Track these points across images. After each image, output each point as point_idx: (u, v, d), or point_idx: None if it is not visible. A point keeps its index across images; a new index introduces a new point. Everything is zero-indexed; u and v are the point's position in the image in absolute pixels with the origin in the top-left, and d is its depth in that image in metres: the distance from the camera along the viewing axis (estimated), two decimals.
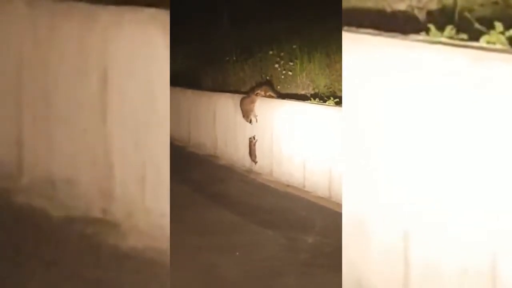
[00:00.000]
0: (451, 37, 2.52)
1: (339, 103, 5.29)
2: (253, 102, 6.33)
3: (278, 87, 6.69)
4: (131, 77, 3.20)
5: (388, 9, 2.89)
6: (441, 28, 2.58)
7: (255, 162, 6.32)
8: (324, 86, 6.08)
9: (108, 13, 3.25)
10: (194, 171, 6.63)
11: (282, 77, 6.68)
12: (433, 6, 2.76)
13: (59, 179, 3.50)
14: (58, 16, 3.44)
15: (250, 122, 6.35)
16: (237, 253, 3.81)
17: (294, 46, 6.73)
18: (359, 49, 2.82)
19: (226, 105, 7.11)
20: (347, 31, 2.86)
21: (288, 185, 5.66)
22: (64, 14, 3.41)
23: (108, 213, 3.32)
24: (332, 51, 6.11)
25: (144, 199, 3.19)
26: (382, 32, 2.71)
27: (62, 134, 3.49)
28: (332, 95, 5.66)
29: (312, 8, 7.28)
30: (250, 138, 6.32)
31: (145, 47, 3.13)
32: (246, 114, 6.34)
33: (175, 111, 8.34)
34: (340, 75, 5.29)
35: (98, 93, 3.29)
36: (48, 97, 3.52)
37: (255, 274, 3.51)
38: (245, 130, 6.46)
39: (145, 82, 3.15)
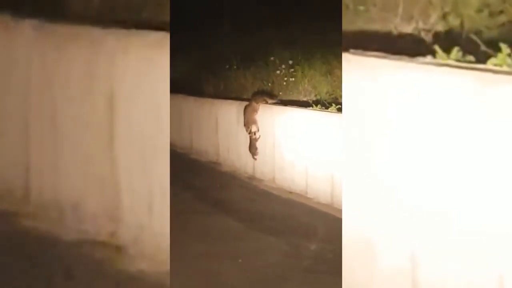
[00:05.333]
0: (458, 60, 2.51)
1: (341, 109, 5.29)
2: (255, 110, 6.33)
3: (280, 93, 6.69)
4: (137, 100, 3.22)
5: (395, 32, 2.89)
6: (448, 51, 2.57)
7: (255, 158, 6.31)
8: (326, 93, 6.09)
9: (114, 37, 3.27)
10: (196, 178, 6.63)
11: (284, 83, 6.68)
12: (440, 28, 2.75)
13: (66, 202, 3.51)
14: (65, 40, 3.45)
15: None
16: (240, 260, 3.81)
17: (295, 53, 6.74)
18: (364, 71, 2.80)
19: (228, 112, 7.12)
20: (354, 53, 2.86)
21: (290, 192, 5.66)
22: (71, 38, 3.42)
23: (116, 237, 3.32)
24: (333, 57, 6.12)
25: (151, 222, 3.20)
26: (389, 55, 2.70)
27: (69, 158, 3.50)
28: (334, 102, 5.66)
29: (312, 15, 7.31)
30: (250, 135, 6.32)
31: (150, 71, 3.16)
32: (247, 124, 6.34)
33: (177, 119, 8.36)
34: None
35: (105, 117, 3.31)
36: (55, 121, 3.53)
37: (258, 281, 3.50)
38: (247, 136, 6.45)
39: (150, 105, 3.17)
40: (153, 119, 3.16)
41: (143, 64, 3.18)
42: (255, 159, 6.34)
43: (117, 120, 3.28)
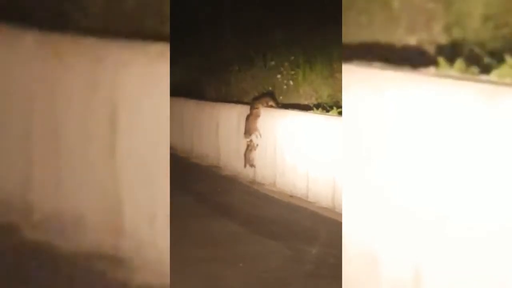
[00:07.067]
0: (461, 71, 2.50)
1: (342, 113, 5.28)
2: (257, 116, 6.32)
3: (281, 97, 6.69)
4: (139, 111, 3.22)
5: (398, 43, 2.87)
6: (451, 62, 2.56)
7: (246, 166, 6.40)
8: (328, 96, 6.07)
9: (116, 49, 3.27)
10: (197, 182, 6.61)
11: (285, 87, 6.68)
12: (443, 40, 2.73)
13: (68, 214, 3.49)
14: (66, 51, 3.45)
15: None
16: (241, 264, 3.79)
17: (296, 56, 6.74)
18: (366, 83, 2.78)
19: (229, 115, 7.11)
20: (357, 65, 2.84)
21: (291, 196, 5.65)
22: (73, 50, 3.42)
23: (118, 249, 3.31)
24: (334, 60, 6.11)
25: (154, 235, 3.19)
26: (392, 66, 2.69)
27: (71, 170, 3.48)
28: (335, 105, 5.65)
29: (312, 18, 7.30)
30: (248, 141, 6.34)
31: (151, 81, 3.16)
32: (249, 132, 6.34)
33: (178, 122, 8.36)
34: None
35: (107, 128, 3.30)
36: (57, 132, 3.52)
37: (259, 285, 3.48)
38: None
39: (153, 117, 3.17)
40: (154, 129, 3.16)
41: (145, 75, 3.19)
42: (245, 167, 6.41)
43: (119, 133, 3.28)
